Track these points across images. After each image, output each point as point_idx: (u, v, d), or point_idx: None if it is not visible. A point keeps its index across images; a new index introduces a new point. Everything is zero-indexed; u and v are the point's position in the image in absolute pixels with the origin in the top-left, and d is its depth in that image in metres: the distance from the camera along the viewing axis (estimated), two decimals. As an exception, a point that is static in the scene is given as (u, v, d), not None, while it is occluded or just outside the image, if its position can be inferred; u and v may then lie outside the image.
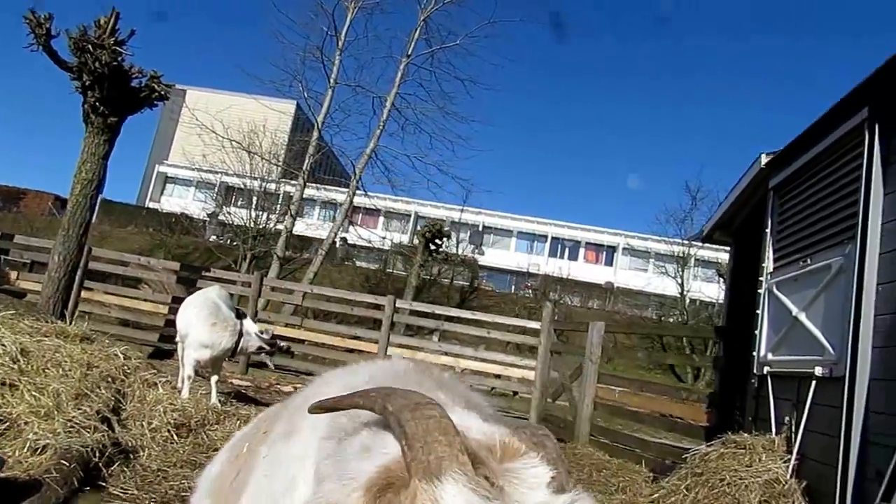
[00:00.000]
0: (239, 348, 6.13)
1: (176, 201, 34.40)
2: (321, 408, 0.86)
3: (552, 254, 38.50)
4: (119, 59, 7.75)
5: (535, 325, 9.99)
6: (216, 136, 20.92)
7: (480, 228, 37.22)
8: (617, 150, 69.48)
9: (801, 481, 4.08)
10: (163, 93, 8.33)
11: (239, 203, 25.19)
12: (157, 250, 24.10)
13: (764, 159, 5.64)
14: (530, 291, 32.05)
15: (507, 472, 0.72)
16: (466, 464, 0.69)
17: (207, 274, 10.86)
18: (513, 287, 34.48)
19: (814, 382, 4.22)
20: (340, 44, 18.93)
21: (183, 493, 3.82)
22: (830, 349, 4.12)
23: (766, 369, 5.04)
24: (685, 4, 64.14)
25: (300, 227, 23.83)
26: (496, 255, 36.16)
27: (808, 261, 4.66)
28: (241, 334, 6.05)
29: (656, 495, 4.43)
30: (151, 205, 35.71)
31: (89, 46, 7.55)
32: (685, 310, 28.29)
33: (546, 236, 39.30)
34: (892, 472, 2.86)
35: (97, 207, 10.81)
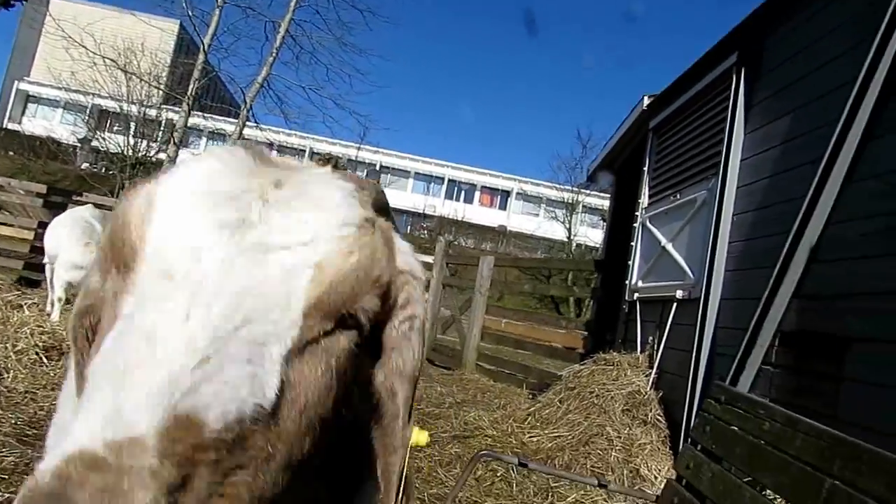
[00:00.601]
0: None
1: (40, 122, 31.08)
2: None
3: (448, 196, 38.92)
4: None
5: (427, 258, 10.17)
6: (86, 52, 18.94)
7: (378, 168, 36.80)
8: (516, 96, 70.47)
9: (659, 392, 4.55)
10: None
11: (115, 129, 23.23)
12: (19, 175, 21.81)
13: (646, 101, 5.97)
14: (426, 232, 32.41)
15: (290, 165, 0.78)
16: (237, 150, 0.74)
17: (80, 199, 10.03)
18: (409, 228, 34.69)
19: (675, 305, 4.66)
20: (230, -42, 17.55)
21: (54, 415, 3.64)
22: (691, 274, 4.55)
23: (635, 296, 5.49)
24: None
25: (185, 157, 22.42)
26: (393, 196, 35.99)
27: (678, 195, 5.06)
28: None
29: (533, 408, 4.78)
30: (11, 126, 32.07)
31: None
32: (571, 253, 29.92)
33: (443, 178, 39.58)
34: (738, 361, 3.27)
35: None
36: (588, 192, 30.65)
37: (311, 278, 0.63)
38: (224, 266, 0.60)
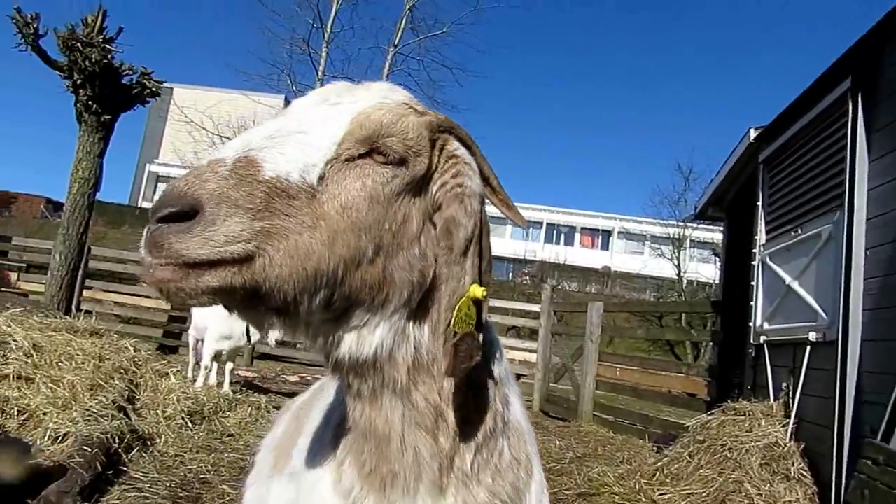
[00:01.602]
0: (251, 331, 6.26)
1: (170, 201, 34.21)
2: None
3: (548, 240, 38.65)
4: (109, 56, 7.80)
5: (534, 307, 10.12)
6: (206, 133, 20.89)
7: (475, 217, 37.25)
8: (611, 132, 69.60)
9: (800, 443, 4.21)
10: (154, 89, 8.39)
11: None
12: (153, 250, 24.00)
13: (753, 133, 5.75)
14: (528, 278, 32.21)
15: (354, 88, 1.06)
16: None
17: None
18: (510, 275, 34.62)
19: (808, 348, 4.35)
20: (326, 35, 18.95)
21: (201, 476, 3.93)
22: (823, 314, 4.25)
23: (762, 339, 5.17)
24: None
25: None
26: (492, 244, 36.22)
27: (799, 230, 4.78)
28: None
29: (660, 463, 4.57)
30: (145, 204, 35.62)
31: (78, 45, 7.59)
32: (682, 291, 28.49)
33: (541, 223, 39.42)
34: (890, 411, 2.99)
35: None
36: (695, 225, 29.36)
37: (349, 118, 0.95)
38: (309, 109, 0.98)
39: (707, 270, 27.98)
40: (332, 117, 0.95)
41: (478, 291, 0.98)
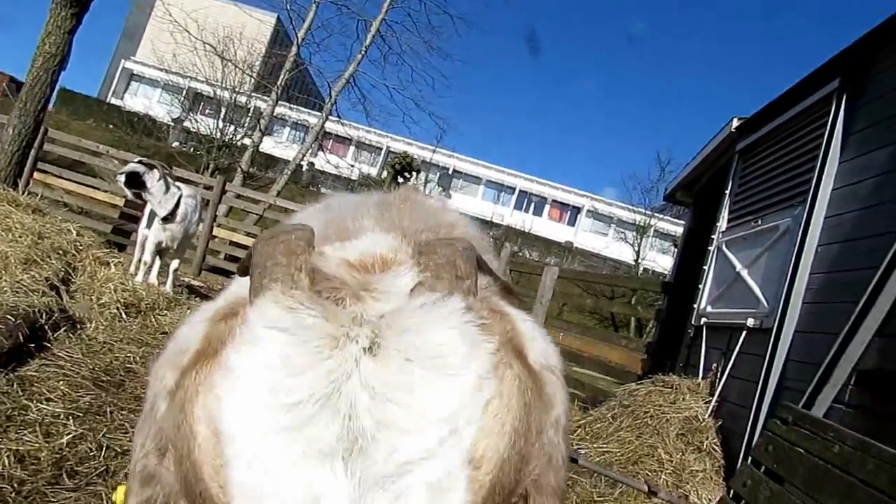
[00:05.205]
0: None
1: (140, 101, 33.01)
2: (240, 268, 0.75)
3: (518, 207, 38.76)
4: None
5: (491, 264, 10.15)
6: (189, 37, 20.04)
7: (450, 172, 37.09)
8: (595, 109, 69.49)
9: (718, 420, 4.38)
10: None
11: (207, 111, 24.40)
12: (116, 147, 23.27)
13: (735, 123, 5.77)
14: (492, 240, 32.33)
15: (367, 286, 0.60)
16: (299, 280, 0.58)
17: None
18: (475, 234, 34.70)
19: (744, 333, 4.48)
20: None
21: (127, 365, 3.87)
22: (765, 302, 4.36)
23: (703, 320, 5.31)
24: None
25: (267, 145, 23.29)
26: (463, 201, 36.18)
27: (760, 221, 4.86)
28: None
29: (584, 421, 4.70)
30: (114, 101, 34.24)
31: None
32: (638, 277, 29.08)
33: (514, 188, 39.46)
34: (810, 392, 3.11)
35: (56, 92, 10.36)
36: (661, 216, 29.84)
37: (465, 485, 0.51)
38: None
39: (664, 261, 28.58)
40: None
41: None
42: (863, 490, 1.24)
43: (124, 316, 4.65)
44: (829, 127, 4.14)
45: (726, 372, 4.55)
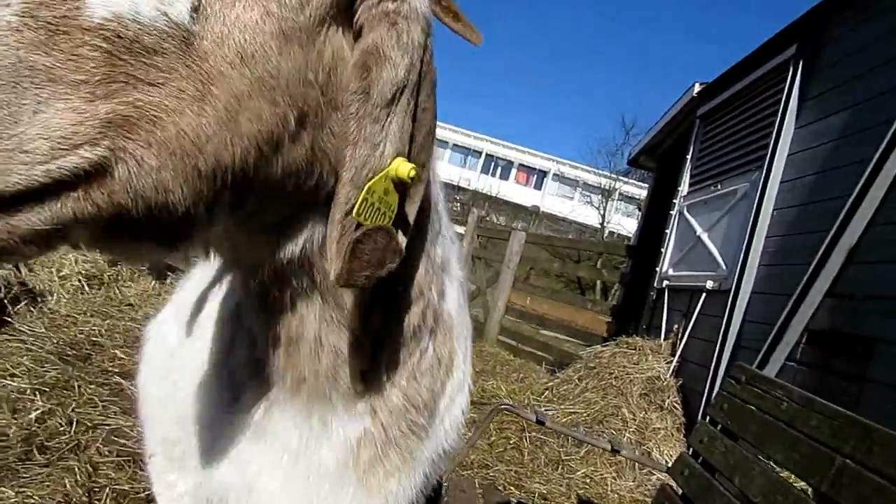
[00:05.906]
0: None
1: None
2: None
3: (485, 171, 38.74)
4: None
5: (460, 229, 10.22)
6: None
7: (416, 136, 36.71)
8: (563, 73, 69.30)
9: (679, 380, 4.55)
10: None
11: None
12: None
13: (697, 87, 5.85)
14: (459, 205, 32.37)
15: None
16: None
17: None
18: (442, 199, 34.64)
19: (704, 295, 4.64)
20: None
21: (93, 339, 3.82)
22: (724, 265, 4.51)
23: (665, 283, 5.46)
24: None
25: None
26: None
27: (719, 186, 4.99)
28: None
29: (551, 383, 4.83)
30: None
31: None
32: (603, 240, 29.55)
33: (481, 152, 39.36)
34: (764, 352, 3.26)
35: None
36: (626, 180, 30.22)
37: None
38: None
39: (630, 224, 29.03)
40: None
41: (404, 169, 0.68)
42: (806, 443, 1.33)
43: (87, 288, 4.57)
44: (785, 92, 4.24)
45: (687, 333, 4.71)
